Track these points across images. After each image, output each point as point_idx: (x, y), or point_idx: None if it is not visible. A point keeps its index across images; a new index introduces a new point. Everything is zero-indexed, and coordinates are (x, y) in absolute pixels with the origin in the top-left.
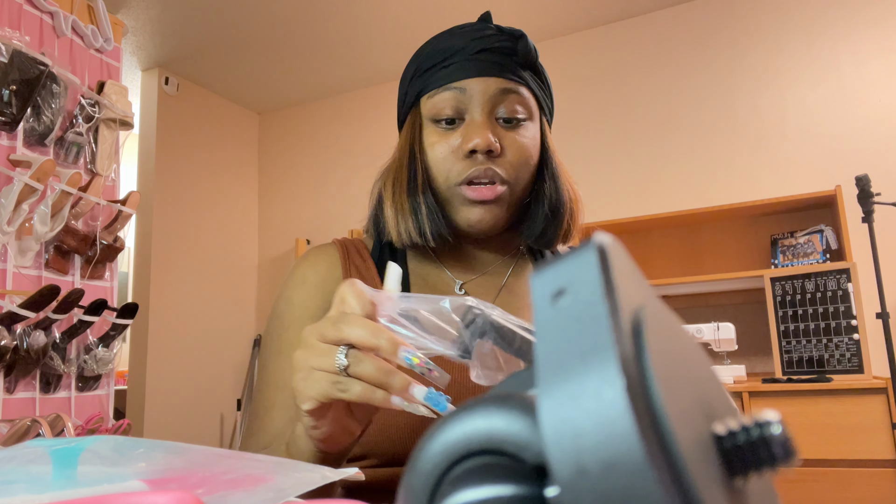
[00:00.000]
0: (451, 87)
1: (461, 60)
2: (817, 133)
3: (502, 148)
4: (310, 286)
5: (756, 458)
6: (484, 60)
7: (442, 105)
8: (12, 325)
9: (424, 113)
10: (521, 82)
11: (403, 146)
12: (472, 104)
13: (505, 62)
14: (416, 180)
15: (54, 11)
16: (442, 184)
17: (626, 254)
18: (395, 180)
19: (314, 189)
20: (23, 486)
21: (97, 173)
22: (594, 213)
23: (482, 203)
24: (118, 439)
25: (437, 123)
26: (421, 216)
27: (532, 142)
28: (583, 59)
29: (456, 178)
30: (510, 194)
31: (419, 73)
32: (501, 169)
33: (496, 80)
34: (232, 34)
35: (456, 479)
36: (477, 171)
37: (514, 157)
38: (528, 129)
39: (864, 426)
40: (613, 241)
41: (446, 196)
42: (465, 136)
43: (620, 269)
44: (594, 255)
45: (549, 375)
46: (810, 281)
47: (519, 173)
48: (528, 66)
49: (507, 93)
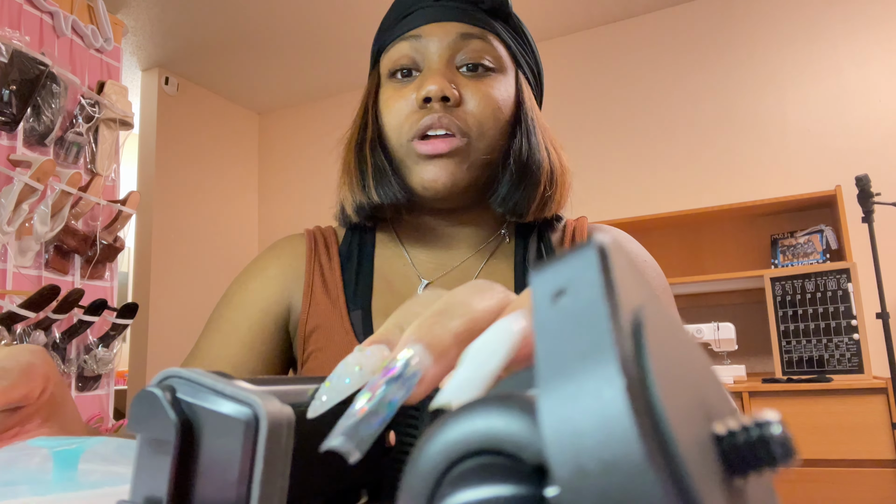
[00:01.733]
0: (408, 35)
1: (420, 9)
2: (817, 133)
3: (462, 96)
4: (268, 276)
5: (756, 458)
6: (444, 6)
7: (397, 56)
8: (12, 325)
9: (382, 70)
10: (487, 29)
11: (359, 108)
12: (429, 51)
13: (468, 8)
14: (366, 137)
15: (54, 11)
16: (395, 141)
17: (626, 254)
18: (348, 146)
19: (314, 189)
20: (24, 487)
21: (97, 173)
22: (594, 213)
23: (437, 157)
24: (120, 440)
25: (392, 77)
26: (367, 178)
27: (499, 93)
28: (583, 59)
29: (409, 133)
30: (471, 150)
31: (381, 30)
32: (459, 119)
33: (456, 24)
34: (232, 34)
35: (455, 480)
36: (430, 119)
37: (477, 107)
38: (494, 81)
39: (864, 426)
40: (613, 241)
41: (400, 156)
42: (419, 84)
43: (620, 269)
44: (594, 255)
45: (548, 375)
46: (810, 281)
47: (482, 127)
48: (499, 16)
49: (469, 38)
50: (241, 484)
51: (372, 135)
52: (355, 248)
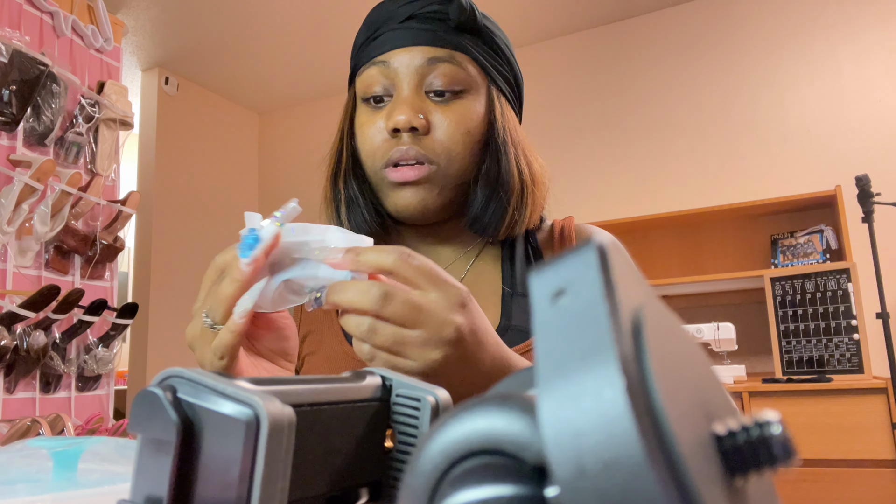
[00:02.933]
0: (377, 61)
1: (387, 31)
2: (817, 133)
3: (430, 124)
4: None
5: (756, 458)
6: (411, 28)
7: (369, 82)
8: (12, 325)
9: (357, 92)
10: (455, 49)
11: (338, 129)
12: (398, 78)
13: (436, 28)
14: (340, 167)
15: (54, 11)
16: (370, 168)
17: (626, 254)
18: (327, 167)
19: (314, 189)
20: (23, 486)
21: (97, 173)
22: (594, 214)
23: (407, 185)
24: (119, 441)
25: (366, 102)
26: (341, 208)
27: (468, 116)
28: (582, 59)
29: (381, 161)
30: (441, 175)
31: (355, 50)
32: (427, 149)
33: (423, 48)
34: (232, 34)
35: (456, 480)
36: (398, 153)
37: (444, 134)
38: (465, 103)
39: (864, 426)
40: (613, 241)
41: (375, 181)
42: (388, 114)
43: (620, 269)
44: (594, 255)
45: (548, 375)
46: (810, 281)
47: (451, 153)
48: (468, 31)
49: (437, 62)
50: (241, 484)
51: (346, 165)
52: None
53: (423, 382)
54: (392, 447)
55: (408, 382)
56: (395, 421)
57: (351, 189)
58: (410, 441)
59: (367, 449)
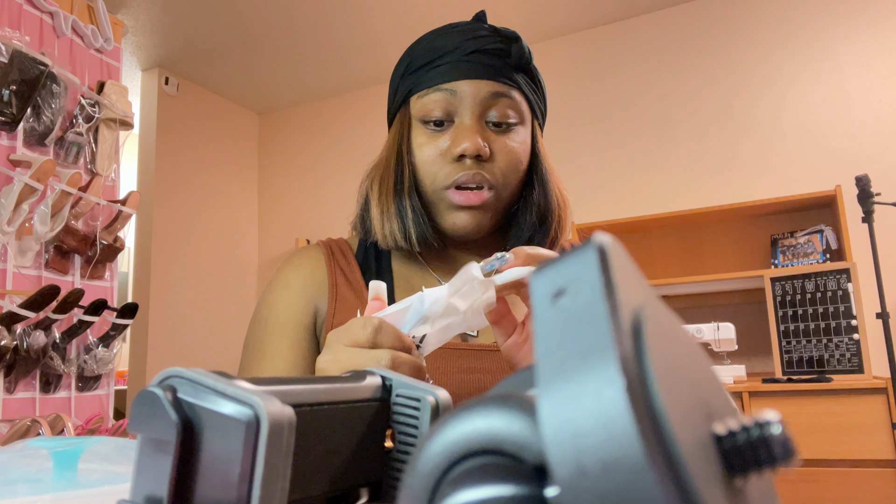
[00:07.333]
0: (442, 88)
1: (453, 61)
2: (817, 133)
3: (492, 153)
4: (293, 291)
5: (756, 458)
6: (476, 62)
7: (431, 106)
8: (12, 325)
9: (414, 113)
10: (513, 86)
11: (391, 145)
12: (463, 107)
13: (498, 65)
14: (402, 182)
15: (54, 11)
16: (428, 187)
17: (626, 254)
18: (382, 181)
19: (314, 189)
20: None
21: (97, 173)
22: (594, 213)
23: (469, 208)
24: (119, 441)
25: (426, 125)
26: (406, 220)
27: (522, 147)
28: (582, 59)
29: (443, 182)
30: (497, 200)
31: (410, 71)
32: (489, 174)
33: (488, 83)
34: (232, 34)
35: (456, 480)
36: (465, 176)
37: (503, 162)
38: (518, 134)
39: (864, 426)
40: (613, 241)
41: (432, 199)
42: (455, 139)
43: (620, 269)
44: (594, 255)
45: (549, 375)
46: (810, 281)
47: (507, 179)
48: (522, 69)
49: (499, 97)
50: (241, 484)
51: (409, 181)
52: (372, 256)
53: (423, 382)
54: (392, 447)
55: (408, 382)
56: (395, 421)
57: (415, 203)
58: (410, 441)
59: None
